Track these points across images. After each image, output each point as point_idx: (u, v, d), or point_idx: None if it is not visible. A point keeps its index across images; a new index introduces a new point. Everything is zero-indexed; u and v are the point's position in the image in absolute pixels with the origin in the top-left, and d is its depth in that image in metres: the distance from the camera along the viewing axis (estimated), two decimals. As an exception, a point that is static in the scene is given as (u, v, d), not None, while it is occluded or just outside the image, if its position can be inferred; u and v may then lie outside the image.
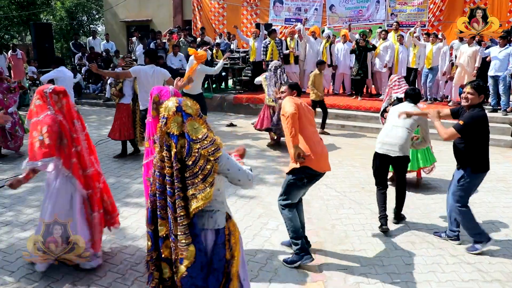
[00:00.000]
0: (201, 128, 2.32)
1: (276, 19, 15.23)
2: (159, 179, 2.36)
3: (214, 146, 2.30)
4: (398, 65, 10.57)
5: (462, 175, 4.09)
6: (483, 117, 3.93)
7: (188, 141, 2.28)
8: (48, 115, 3.52)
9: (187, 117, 2.31)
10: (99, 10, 26.79)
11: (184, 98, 2.44)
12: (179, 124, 2.30)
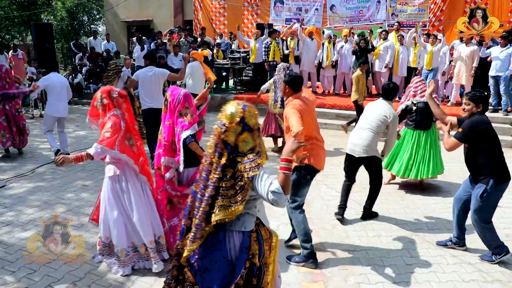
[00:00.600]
0: (250, 143, 2.33)
1: (277, 19, 15.22)
2: (204, 181, 2.37)
3: (253, 164, 2.27)
4: (398, 66, 10.55)
5: (484, 189, 3.80)
6: (482, 121, 3.78)
7: (235, 153, 2.31)
8: (114, 114, 3.66)
9: (246, 130, 2.32)
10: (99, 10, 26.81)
11: (248, 105, 2.42)
12: (236, 134, 2.31)
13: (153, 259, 3.73)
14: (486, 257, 4.04)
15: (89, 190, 5.80)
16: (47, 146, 8.01)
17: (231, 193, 2.28)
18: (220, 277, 2.37)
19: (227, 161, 2.30)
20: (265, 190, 2.24)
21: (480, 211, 3.88)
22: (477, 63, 9.56)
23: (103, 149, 3.48)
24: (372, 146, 4.68)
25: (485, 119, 3.80)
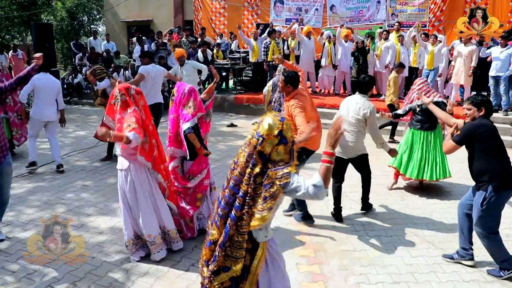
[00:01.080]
0: (282, 154, 2.35)
1: (277, 19, 15.21)
2: (231, 190, 2.40)
3: (285, 170, 2.29)
4: (399, 66, 10.54)
5: (483, 197, 3.61)
6: (481, 125, 3.64)
7: (267, 162, 2.34)
8: (135, 110, 3.75)
9: (282, 143, 2.34)
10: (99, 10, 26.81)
11: (286, 118, 2.45)
12: (273, 146, 2.33)
13: (152, 250, 3.93)
14: (494, 271, 3.78)
15: (89, 190, 5.80)
16: (47, 146, 8.01)
17: (261, 199, 2.30)
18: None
19: (260, 169, 2.32)
20: (305, 186, 2.28)
21: (481, 221, 3.67)
22: (476, 63, 9.56)
23: (137, 137, 3.57)
24: (360, 145, 4.81)
25: (485, 123, 3.65)
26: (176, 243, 4.08)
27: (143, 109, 3.88)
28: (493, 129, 3.65)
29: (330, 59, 10.91)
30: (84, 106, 12.75)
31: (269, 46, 10.90)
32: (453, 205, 5.36)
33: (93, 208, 5.20)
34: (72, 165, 6.92)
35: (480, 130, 3.61)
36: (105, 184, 6.03)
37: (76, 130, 9.42)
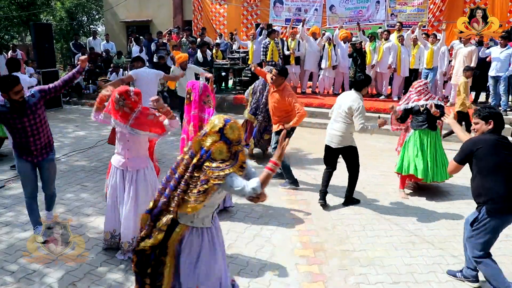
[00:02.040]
0: (224, 154, 2.56)
1: (276, 19, 15.23)
2: (171, 171, 2.71)
3: (221, 173, 2.49)
4: (401, 66, 10.54)
5: (475, 217, 3.36)
6: (479, 141, 3.35)
7: (206, 156, 2.56)
8: (143, 107, 3.83)
9: (222, 140, 2.57)
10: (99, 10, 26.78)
11: (232, 120, 2.65)
12: (212, 142, 2.56)
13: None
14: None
15: (89, 190, 5.80)
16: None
17: (196, 190, 2.54)
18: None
19: (198, 161, 2.57)
20: (242, 187, 2.51)
21: (469, 241, 3.41)
22: (476, 63, 9.56)
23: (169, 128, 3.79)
24: (346, 137, 5.05)
25: (484, 139, 3.34)
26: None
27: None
28: (493, 146, 3.29)
29: (330, 61, 10.91)
30: (83, 106, 12.74)
31: (268, 46, 10.89)
32: (452, 205, 5.37)
33: (92, 208, 5.19)
34: (71, 165, 6.91)
35: (477, 146, 3.32)
36: (105, 184, 6.01)
37: (75, 130, 9.41)
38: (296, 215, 5.05)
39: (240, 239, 4.42)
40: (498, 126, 3.38)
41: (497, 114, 3.40)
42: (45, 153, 4.29)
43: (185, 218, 2.69)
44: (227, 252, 4.12)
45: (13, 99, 3.86)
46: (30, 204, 4.38)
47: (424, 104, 5.40)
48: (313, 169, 6.50)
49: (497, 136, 3.35)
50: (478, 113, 3.41)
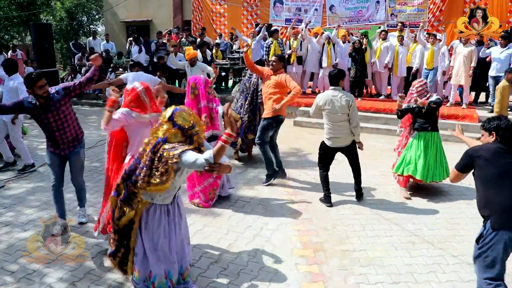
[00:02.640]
0: (179, 137, 2.95)
1: (276, 19, 15.23)
2: (135, 161, 3.10)
3: (175, 152, 2.82)
4: (398, 66, 10.55)
5: (481, 233, 3.06)
6: (482, 148, 3.15)
7: (163, 142, 2.92)
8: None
9: (176, 127, 2.94)
10: (99, 10, 26.77)
11: (182, 108, 3.02)
12: (166, 130, 2.94)
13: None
14: None
15: (89, 190, 5.78)
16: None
17: (159, 173, 2.88)
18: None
19: (156, 148, 2.92)
20: (195, 159, 2.79)
21: (476, 260, 3.10)
22: (475, 63, 9.56)
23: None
24: (350, 134, 5.23)
25: (485, 147, 3.14)
26: None
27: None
28: (494, 153, 3.06)
29: (329, 60, 10.91)
30: (83, 106, 12.74)
31: (270, 46, 10.88)
32: (452, 205, 5.37)
33: (92, 208, 5.19)
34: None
35: (478, 154, 3.11)
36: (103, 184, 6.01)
37: (75, 130, 9.40)
38: (296, 215, 5.05)
39: (240, 239, 4.42)
40: (503, 139, 3.11)
41: (501, 126, 3.11)
42: (72, 146, 4.57)
43: (146, 195, 3.05)
44: (228, 251, 4.13)
45: (38, 94, 4.09)
46: (54, 194, 4.61)
47: (420, 102, 5.39)
48: (313, 169, 6.50)
49: (501, 144, 3.09)
50: (483, 124, 3.26)
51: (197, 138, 3.01)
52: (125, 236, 3.19)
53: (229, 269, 3.86)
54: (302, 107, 10.06)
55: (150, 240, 3.14)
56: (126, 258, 3.27)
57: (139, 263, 3.18)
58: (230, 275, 3.75)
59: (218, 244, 4.30)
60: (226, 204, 5.34)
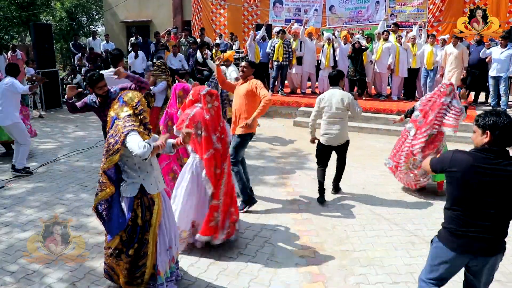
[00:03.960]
0: (128, 111, 3.12)
1: (276, 19, 15.23)
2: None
3: (126, 123, 3.04)
4: (399, 66, 10.55)
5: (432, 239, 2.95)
6: (458, 162, 2.59)
7: (114, 118, 3.15)
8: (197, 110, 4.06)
9: (122, 103, 3.17)
10: (99, 10, 26.77)
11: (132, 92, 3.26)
12: (117, 108, 3.18)
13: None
14: None
15: (89, 190, 5.80)
16: (47, 147, 8.02)
17: (115, 148, 3.05)
18: (115, 225, 3.19)
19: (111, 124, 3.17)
20: (136, 143, 2.95)
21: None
22: (467, 63, 9.70)
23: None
24: (346, 133, 5.42)
25: (461, 160, 2.58)
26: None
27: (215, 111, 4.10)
28: (467, 173, 2.53)
29: (328, 61, 10.92)
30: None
31: (275, 46, 10.86)
32: (452, 205, 5.36)
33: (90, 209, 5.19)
34: (71, 165, 6.91)
35: (451, 168, 2.63)
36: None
37: (75, 131, 9.41)
38: (296, 215, 5.05)
39: (240, 239, 4.42)
40: (500, 141, 2.52)
41: (498, 125, 2.50)
42: None
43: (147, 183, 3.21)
44: (227, 252, 4.13)
45: (98, 93, 4.55)
46: None
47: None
48: (313, 169, 6.49)
49: (489, 151, 2.54)
50: (477, 119, 2.62)
51: (143, 118, 3.19)
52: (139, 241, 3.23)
53: (229, 269, 3.86)
54: (302, 107, 10.06)
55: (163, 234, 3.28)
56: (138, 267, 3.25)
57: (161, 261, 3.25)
58: (230, 275, 3.75)
59: (217, 245, 4.29)
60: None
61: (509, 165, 2.50)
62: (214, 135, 4.02)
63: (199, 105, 4.07)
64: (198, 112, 4.02)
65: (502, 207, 2.54)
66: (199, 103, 4.08)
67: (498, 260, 2.69)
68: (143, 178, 3.17)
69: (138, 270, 3.23)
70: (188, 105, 4.17)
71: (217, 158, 4.05)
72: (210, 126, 4.01)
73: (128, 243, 3.18)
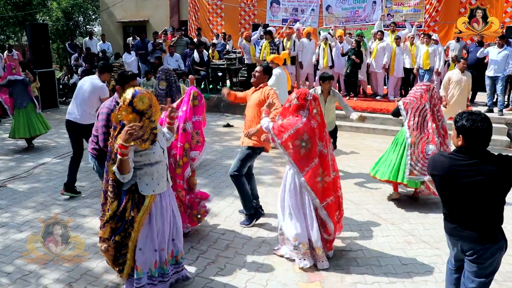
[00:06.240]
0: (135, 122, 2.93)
1: (273, 19, 15.23)
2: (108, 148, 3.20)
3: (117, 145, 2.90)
4: (394, 66, 10.57)
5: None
6: (437, 165, 2.64)
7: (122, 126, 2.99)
8: (305, 121, 3.74)
9: (134, 112, 2.93)
10: (95, 10, 26.71)
11: (143, 90, 3.00)
12: (127, 114, 2.93)
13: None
14: None
15: (85, 191, 5.78)
16: (43, 147, 7.99)
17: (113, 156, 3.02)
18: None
19: (117, 133, 3.00)
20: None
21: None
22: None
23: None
24: (334, 119, 6.38)
25: (441, 163, 2.60)
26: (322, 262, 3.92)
27: (320, 117, 3.84)
28: (446, 177, 2.58)
29: (326, 61, 10.92)
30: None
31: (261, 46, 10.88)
32: (449, 205, 5.37)
33: (88, 209, 5.18)
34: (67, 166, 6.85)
35: (433, 171, 2.69)
36: (101, 185, 5.99)
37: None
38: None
39: (237, 239, 4.42)
40: (472, 144, 2.50)
41: (471, 129, 2.46)
42: None
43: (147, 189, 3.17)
44: (225, 252, 4.13)
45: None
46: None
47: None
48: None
49: (458, 158, 2.54)
50: (455, 120, 2.59)
51: (149, 123, 3.02)
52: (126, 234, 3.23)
53: (226, 269, 3.86)
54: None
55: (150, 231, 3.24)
56: (121, 254, 3.29)
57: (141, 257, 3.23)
58: (227, 275, 3.75)
59: (216, 245, 4.30)
60: (222, 204, 5.33)
61: (484, 164, 2.47)
62: (320, 142, 3.77)
63: (306, 113, 3.74)
64: (306, 123, 3.71)
65: (483, 207, 2.53)
66: (305, 110, 3.75)
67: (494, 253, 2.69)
68: (139, 178, 3.15)
69: (120, 257, 3.28)
70: (293, 111, 3.79)
71: (325, 164, 3.81)
72: (316, 134, 3.74)
73: (115, 230, 3.23)
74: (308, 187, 3.74)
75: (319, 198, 3.78)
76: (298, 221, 3.83)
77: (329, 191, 3.85)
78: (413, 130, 5.19)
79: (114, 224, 3.20)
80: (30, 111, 7.64)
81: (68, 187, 5.54)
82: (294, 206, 3.85)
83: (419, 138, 5.18)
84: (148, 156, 3.08)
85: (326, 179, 3.82)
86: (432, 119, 5.20)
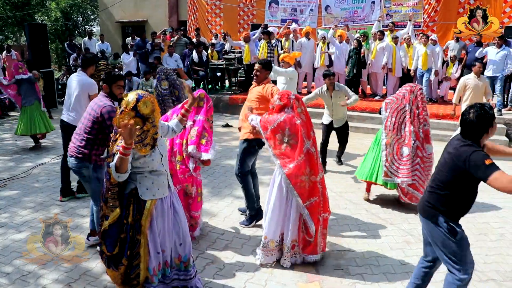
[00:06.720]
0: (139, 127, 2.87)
1: (272, 19, 15.23)
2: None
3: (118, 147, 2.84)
4: (395, 66, 10.57)
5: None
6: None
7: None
8: (287, 116, 3.77)
9: (137, 116, 2.86)
10: (94, 10, 26.70)
11: (146, 94, 2.93)
12: (130, 118, 2.83)
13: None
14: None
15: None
16: (42, 147, 7.98)
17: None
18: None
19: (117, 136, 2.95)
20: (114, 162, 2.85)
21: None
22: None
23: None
24: (346, 115, 6.70)
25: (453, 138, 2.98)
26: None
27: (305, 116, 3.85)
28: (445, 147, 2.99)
29: (322, 60, 10.91)
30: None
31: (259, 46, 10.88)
32: (447, 204, 5.37)
33: (87, 210, 5.17)
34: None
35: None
36: (100, 185, 6.00)
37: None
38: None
39: (236, 239, 4.42)
40: (466, 133, 2.82)
41: (465, 121, 2.79)
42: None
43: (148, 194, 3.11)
44: (224, 252, 4.13)
45: (115, 93, 4.07)
46: None
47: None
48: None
49: (455, 141, 2.87)
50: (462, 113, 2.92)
51: (151, 127, 2.95)
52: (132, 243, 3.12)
53: (225, 269, 3.86)
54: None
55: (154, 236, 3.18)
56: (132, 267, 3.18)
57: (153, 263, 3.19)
58: (226, 276, 3.75)
59: (215, 245, 4.30)
60: (221, 204, 5.34)
61: (461, 142, 2.81)
62: (307, 140, 3.76)
63: (289, 111, 3.79)
64: (288, 117, 3.74)
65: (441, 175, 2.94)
66: (288, 108, 3.80)
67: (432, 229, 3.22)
68: (139, 182, 3.10)
69: (132, 271, 3.16)
70: (276, 110, 3.84)
71: (312, 163, 3.80)
72: (302, 132, 3.73)
73: (123, 242, 3.12)
74: (290, 184, 3.71)
75: (303, 197, 3.75)
76: (275, 219, 3.83)
77: (316, 191, 3.83)
78: (389, 131, 5.15)
79: (117, 235, 3.11)
80: (35, 109, 7.74)
81: (65, 192, 5.52)
82: (277, 204, 3.82)
83: (395, 139, 5.12)
84: (146, 164, 3.04)
85: (313, 178, 3.81)
86: (411, 121, 5.05)
